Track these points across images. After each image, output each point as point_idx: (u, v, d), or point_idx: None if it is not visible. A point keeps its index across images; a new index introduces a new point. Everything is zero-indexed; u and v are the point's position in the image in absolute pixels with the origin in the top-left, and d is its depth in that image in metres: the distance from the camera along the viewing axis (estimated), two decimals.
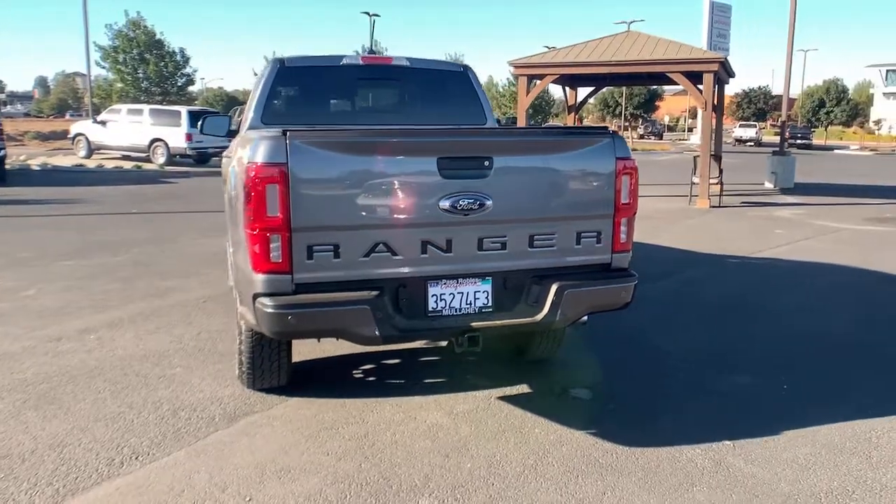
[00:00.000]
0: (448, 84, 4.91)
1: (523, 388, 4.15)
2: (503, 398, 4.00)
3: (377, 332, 3.04)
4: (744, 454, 3.36)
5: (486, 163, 3.14)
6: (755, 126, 57.29)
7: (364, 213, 3.05)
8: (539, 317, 3.26)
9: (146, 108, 23.76)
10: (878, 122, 70.18)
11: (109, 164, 21.42)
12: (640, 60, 12.93)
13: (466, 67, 4.93)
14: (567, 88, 17.90)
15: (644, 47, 13.30)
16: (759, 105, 70.54)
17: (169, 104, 32.17)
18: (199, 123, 6.23)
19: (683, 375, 4.41)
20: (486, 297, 3.34)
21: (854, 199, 15.72)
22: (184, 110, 22.59)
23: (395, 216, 3.08)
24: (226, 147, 21.00)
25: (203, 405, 3.85)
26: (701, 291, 6.76)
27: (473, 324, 3.21)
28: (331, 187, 3.02)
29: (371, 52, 4.62)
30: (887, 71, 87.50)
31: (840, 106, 61.87)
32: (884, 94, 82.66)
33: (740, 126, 57.33)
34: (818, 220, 11.99)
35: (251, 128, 4.45)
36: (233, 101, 56.56)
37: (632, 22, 52.71)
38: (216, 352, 4.69)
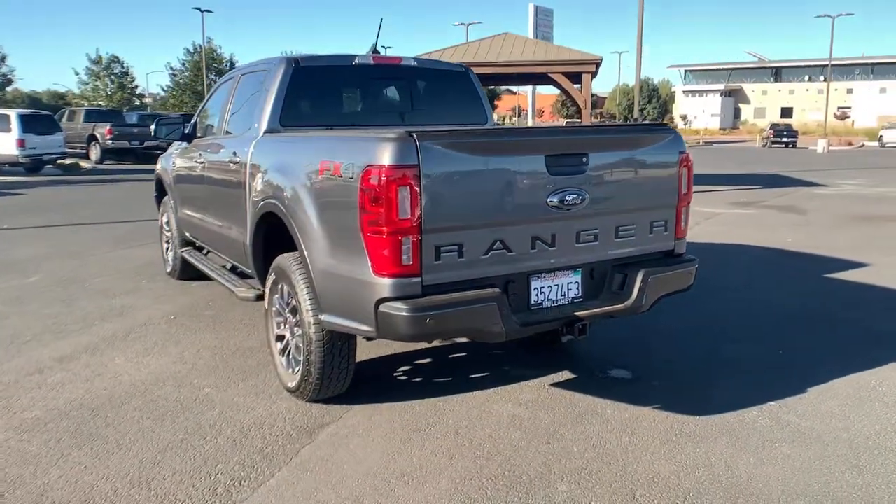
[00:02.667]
0: (451, 84, 4.99)
1: (566, 374, 4.35)
2: (555, 385, 4.18)
3: (503, 328, 3.10)
4: (791, 411, 3.80)
5: (584, 159, 3.30)
6: (578, 121, 61.55)
7: (485, 212, 3.10)
8: (629, 302, 3.49)
9: None
10: (684, 118, 77.92)
11: None
12: (526, 61, 13.58)
13: (468, 68, 5.03)
14: None
15: (524, 49, 13.96)
16: (576, 106, 75.87)
17: None
18: (153, 127, 5.86)
19: (691, 349, 4.83)
20: (577, 288, 3.50)
21: (700, 186, 17.50)
22: (13, 113, 20.29)
23: (512, 213, 3.16)
24: (61, 153, 19.75)
25: (268, 423, 3.67)
26: None
27: (577, 313, 3.36)
28: (456, 187, 3.03)
29: (375, 52, 4.58)
30: (686, 71, 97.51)
31: (652, 103, 68.07)
32: (683, 91, 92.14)
33: (567, 124, 61.32)
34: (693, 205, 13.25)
35: (269, 131, 4.26)
36: (36, 103, 51.49)
37: (469, 24, 54.18)
38: (235, 368, 4.44)
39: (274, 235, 4.14)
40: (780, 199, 14.27)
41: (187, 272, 6.63)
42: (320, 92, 4.49)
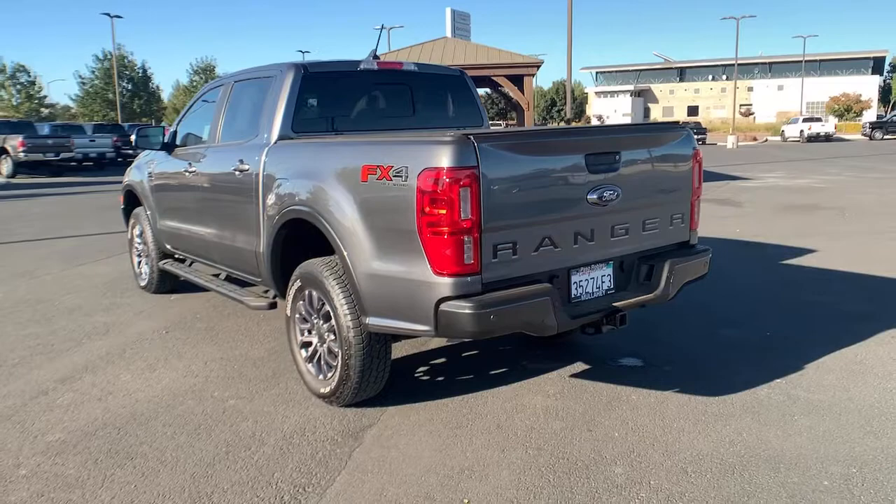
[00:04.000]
0: (449, 87, 5.08)
1: (581, 365, 4.51)
2: (575, 376, 4.33)
3: (556, 322, 3.22)
4: (798, 387, 4.08)
5: (617, 157, 3.47)
6: (501, 125, 62.69)
7: (535, 210, 3.21)
8: (658, 292, 3.68)
9: None
10: (599, 118, 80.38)
11: None
12: (471, 65, 13.78)
13: (463, 72, 5.13)
14: None
15: (466, 53, 14.19)
16: (500, 106, 77.04)
17: None
18: (133, 137, 5.71)
19: (687, 335, 5.09)
20: (610, 280, 3.67)
21: None
22: None
23: (558, 211, 3.29)
24: None
25: (308, 429, 3.66)
26: None
27: (616, 304, 3.52)
28: (510, 187, 3.13)
29: (375, 57, 4.60)
30: (597, 73, 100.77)
31: (565, 104, 70.01)
32: (596, 92, 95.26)
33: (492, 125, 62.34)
34: None
35: (281, 137, 4.24)
36: None
37: (392, 28, 54.07)
38: (252, 378, 4.39)
39: (294, 242, 4.13)
40: (714, 192, 15.01)
41: (164, 285, 6.46)
42: (328, 98, 4.50)
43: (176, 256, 6.16)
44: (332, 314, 3.71)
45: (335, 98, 4.56)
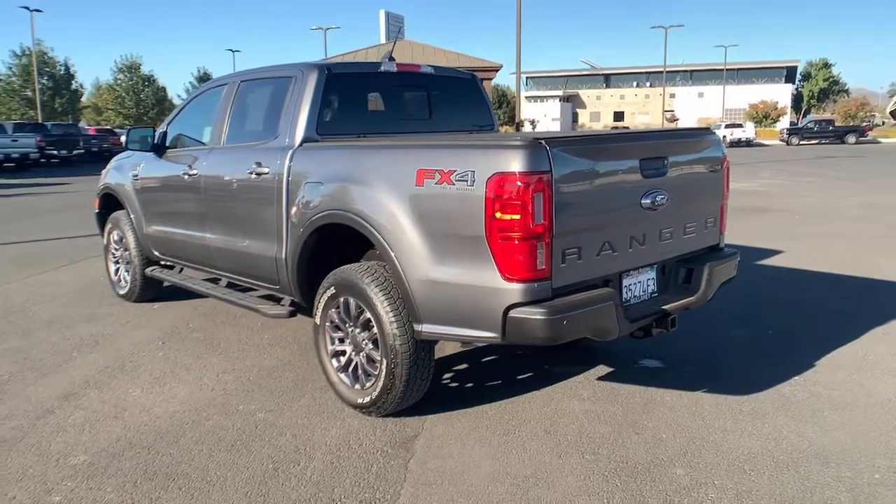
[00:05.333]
0: (462, 90, 5.04)
1: (605, 368, 4.54)
2: (602, 379, 4.36)
3: (618, 326, 3.23)
4: (817, 384, 4.22)
5: (666, 161, 3.51)
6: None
7: (598, 214, 3.21)
8: (699, 294, 3.75)
9: None
10: (532, 122, 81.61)
11: None
12: None
13: (474, 75, 5.10)
14: None
15: (424, 56, 14.14)
16: None
17: None
18: (124, 138, 5.45)
19: (694, 336, 5.19)
20: (654, 284, 3.71)
21: None
22: None
23: (617, 215, 3.30)
24: None
25: (353, 441, 3.55)
26: None
27: (665, 307, 3.56)
28: (578, 191, 3.12)
29: (391, 59, 4.49)
30: (527, 78, 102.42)
31: (502, 108, 70.79)
32: (526, 97, 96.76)
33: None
34: None
35: (306, 139, 4.10)
36: None
37: (328, 29, 53.64)
38: (273, 390, 4.23)
39: (323, 247, 4.01)
40: None
41: (147, 294, 6.17)
42: (351, 100, 4.38)
43: (162, 263, 5.88)
44: (373, 322, 3.61)
45: (356, 100, 4.45)
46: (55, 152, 29.93)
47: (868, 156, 31.61)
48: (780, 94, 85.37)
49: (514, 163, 2.93)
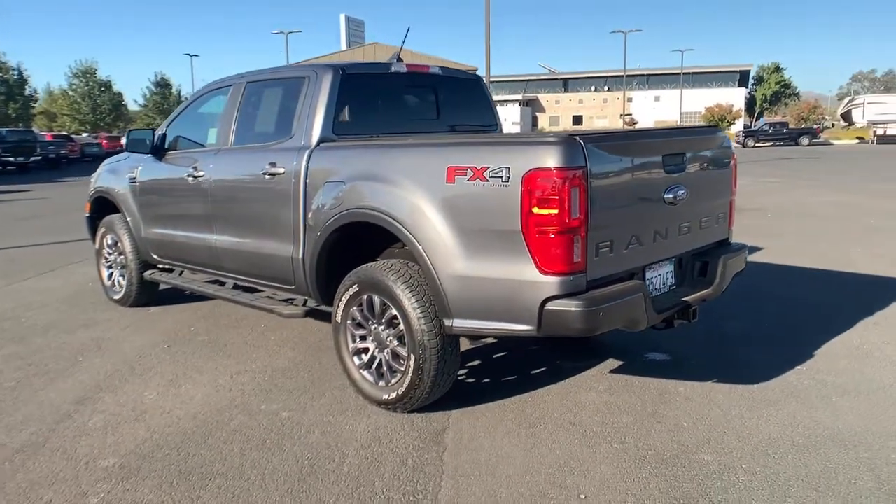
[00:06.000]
0: (468, 90, 5.11)
1: (614, 362, 4.65)
2: (614, 372, 4.46)
3: (646, 317, 3.33)
4: (820, 372, 4.39)
5: (685, 157, 3.63)
6: None
7: (627, 208, 3.31)
8: (714, 286, 3.88)
9: None
10: None
11: None
12: None
13: (479, 76, 5.17)
14: None
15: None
16: None
17: None
18: (124, 140, 5.40)
19: (693, 329, 5.29)
20: (672, 277, 3.82)
21: None
22: None
23: (643, 209, 3.40)
24: None
25: (384, 437, 3.59)
26: None
27: (685, 299, 3.68)
28: (610, 186, 3.22)
29: (399, 60, 4.55)
30: (488, 82, 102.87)
31: None
32: None
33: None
34: None
35: (323, 140, 4.13)
36: None
37: (289, 33, 53.29)
38: (291, 390, 4.23)
39: (342, 247, 4.04)
40: None
41: (143, 298, 6.09)
42: (364, 100, 4.41)
43: (160, 266, 5.81)
44: (399, 318, 3.65)
45: (369, 100, 4.48)
46: (11, 159, 29.12)
47: (822, 157, 32.60)
48: (734, 97, 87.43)
49: (551, 158, 3.01)
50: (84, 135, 46.90)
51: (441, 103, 4.91)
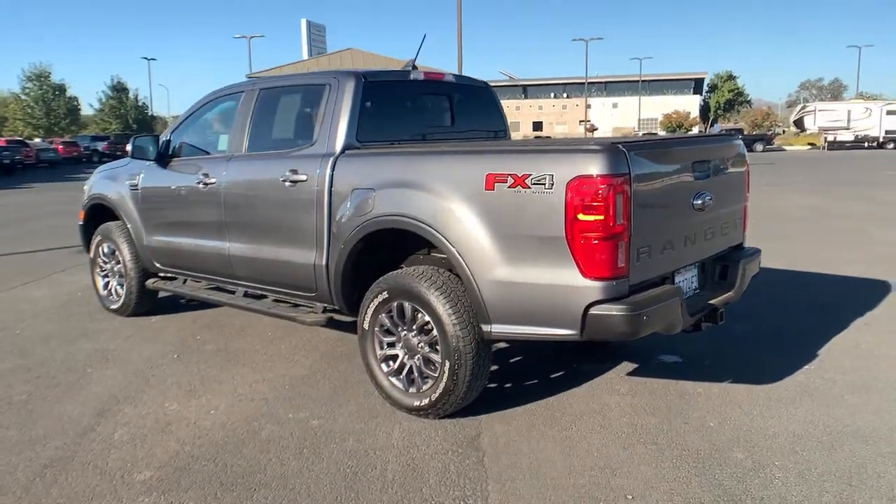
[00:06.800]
0: (478, 97, 5.16)
1: (630, 365, 4.74)
2: (632, 375, 4.56)
3: (682, 320, 3.42)
4: (827, 371, 4.54)
5: (709, 165, 3.74)
6: None
7: (663, 214, 3.40)
8: (735, 289, 4.00)
9: None
10: None
11: None
12: None
13: (487, 83, 5.22)
14: None
15: (373, 63, 14.17)
16: None
17: None
18: (129, 147, 5.33)
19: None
20: (696, 280, 3.93)
21: None
22: None
23: (676, 215, 3.50)
24: None
25: (421, 443, 3.60)
26: None
27: (710, 302, 3.78)
28: (650, 192, 3.30)
29: (414, 67, 4.59)
30: None
31: None
32: None
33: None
34: None
35: (347, 147, 4.13)
36: None
37: (252, 37, 52.65)
38: (315, 398, 4.22)
39: (366, 254, 4.05)
40: None
41: (143, 307, 5.98)
42: (385, 107, 4.42)
43: (161, 275, 5.72)
44: (433, 324, 3.67)
45: (389, 107, 4.50)
46: None
47: (777, 162, 33.54)
48: (690, 104, 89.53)
49: (596, 166, 3.07)
50: (37, 140, 45.57)
51: (455, 110, 4.95)
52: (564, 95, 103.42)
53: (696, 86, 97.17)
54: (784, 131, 78.02)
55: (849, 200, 14.68)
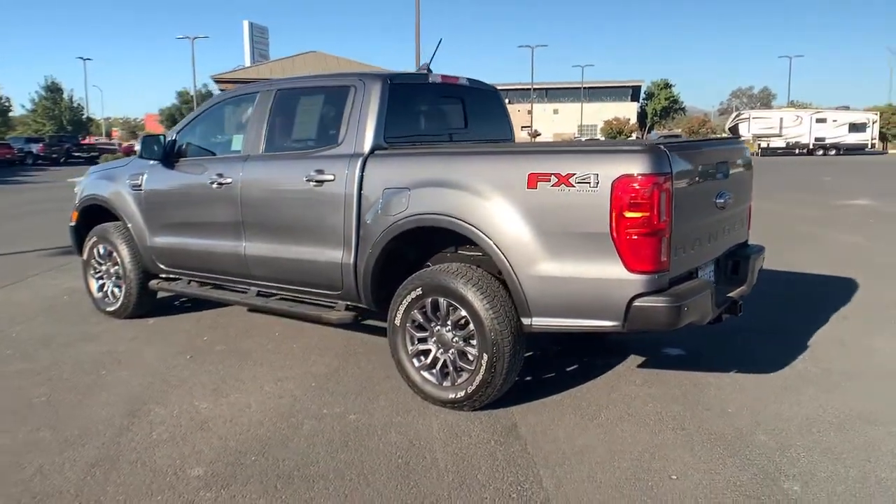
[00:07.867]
0: (488, 101, 5.31)
1: (637, 358, 4.95)
2: (643, 366, 4.78)
3: (711, 312, 3.64)
4: (823, 360, 4.84)
5: (728, 165, 3.99)
6: None
7: (694, 211, 3.62)
8: (747, 283, 4.26)
9: None
10: None
11: None
12: None
13: (495, 88, 5.38)
14: None
15: (339, 67, 14.19)
16: None
17: None
18: (137, 146, 5.30)
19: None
20: (712, 275, 4.17)
21: None
22: None
23: (703, 212, 3.72)
24: None
25: (463, 434, 3.73)
26: None
27: (729, 295, 4.02)
28: (686, 191, 3.51)
29: (429, 70, 4.69)
30: None
31: None
32: None
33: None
34: None
35: (375, 147, 4.23)
36: None
37: (195, 38, 51.58)
38: (345, 393, 4.29)
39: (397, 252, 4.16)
40: None
41: (142, 308, 5.91)
42: (407, 109, 4.53)
43: (162, 276, 5.66)
44: (470, 319, 3.79)
45: (412, 109, 4.61)
46: None
47: None
48: (628, 111, 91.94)
49: (641, 165, 3.27)
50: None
51: (468, 113, 5.09)
52: (507, 101, 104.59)
53: (634, 93, 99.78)
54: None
55: (793, 205, 15.39)
